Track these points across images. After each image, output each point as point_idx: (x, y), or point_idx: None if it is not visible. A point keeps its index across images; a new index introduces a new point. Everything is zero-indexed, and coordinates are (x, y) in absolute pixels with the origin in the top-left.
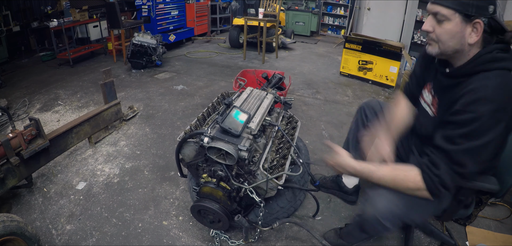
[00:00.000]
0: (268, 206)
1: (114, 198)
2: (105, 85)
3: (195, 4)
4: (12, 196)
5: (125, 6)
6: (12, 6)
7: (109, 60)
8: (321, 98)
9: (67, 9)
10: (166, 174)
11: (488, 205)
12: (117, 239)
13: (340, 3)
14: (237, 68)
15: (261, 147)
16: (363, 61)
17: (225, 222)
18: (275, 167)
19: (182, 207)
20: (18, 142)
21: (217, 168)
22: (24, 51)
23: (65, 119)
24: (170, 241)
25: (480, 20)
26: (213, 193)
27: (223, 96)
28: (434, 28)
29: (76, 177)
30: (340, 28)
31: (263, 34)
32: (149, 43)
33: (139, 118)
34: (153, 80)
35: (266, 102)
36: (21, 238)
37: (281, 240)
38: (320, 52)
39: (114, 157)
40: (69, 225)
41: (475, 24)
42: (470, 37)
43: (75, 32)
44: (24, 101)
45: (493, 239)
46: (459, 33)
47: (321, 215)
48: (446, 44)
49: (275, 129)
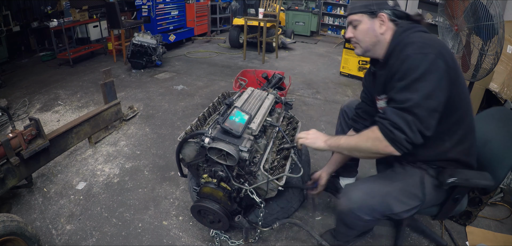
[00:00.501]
0: (268, 206)
1: (114, 198)
2: (105, 85)
3: (195, 4)
4: (12, 196)
5: (125, 6)
6: (12, 6)
7: (109, 60)
8: (321, 98)
9: (67, 9)
10: (166, 174)
11: (488, 205)
12: (117, 239)
13: (340, 3)
14: (237, 68)
15: (261, 148)
16: (363, 61)
17: (225, 222)
18: (275, 168)
19: (182, 207)
20: (18, 142)
21: (218, 169)
22: (24, 51)
23: (65, 119)
24: (170, 241)
25: (383, 13)
26: (214, 193)
27: (223, 96)
28: (354, 34)
29: (76, 177)
30: (340, 28)
31: (263, 34)
32: (149, 43)
33: (139, 118)
34: (153, 80)
35: (267, 102)
36: (21, 238)
37: (281, 240)
38: (320, 52)
39: (114, 157)
40: (69, 225)
41: (380, 16)
42: (380, 28)
43: (75, 32)
44: (24, 101)
45: (493, 239)
46: (370, 28)
47: (321, 215)
48: (364, 41)
49: (276, 129)
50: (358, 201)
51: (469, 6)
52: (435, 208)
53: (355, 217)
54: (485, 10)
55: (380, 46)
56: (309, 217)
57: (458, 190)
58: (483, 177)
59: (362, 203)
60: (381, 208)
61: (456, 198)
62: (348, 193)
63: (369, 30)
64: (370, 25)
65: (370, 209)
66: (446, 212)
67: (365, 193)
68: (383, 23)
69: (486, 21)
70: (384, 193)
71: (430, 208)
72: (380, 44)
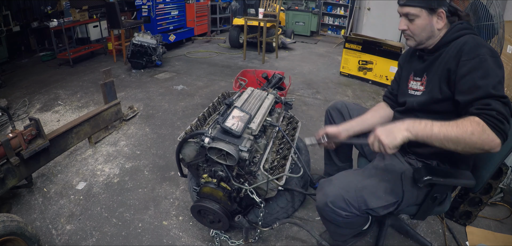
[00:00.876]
0: (268, 206)
1: (114, 198)
2: (105, 85)
3: (195, 4)
4: (12, 196)
5: (125, 6)
6: (12, 6)
7: (109, 60)
8: (321, 98)
9: (67, 9)
10: (166, 174)
11: (488, 205)
12: (117, 239)
13: (340, 3)
14: (237, 68)
15: (261, 148)
16: (363, 61)
17: (225, 222)
18: (275, 168)
19: (182, 207)
20: (18, 142)
21: (218, 169)
22: (24, 51)
23: (65, 119)
24: (170, 241)
25: (442, 9)
26: (214, 193)
27: (223, 96)
28: (408, 26)
29: (76, 177)
30: (340, 28)
31: (263, 34)
32: (149, 43)
33: (139, 118)
34: (153, 80)
35: (267, 102)
36: (21, 238)
37: (281, 240)
38: (320, 52)
39: (114, 157)
40: (69, 225)
41: (439, 13)
42: (437, 24)
43: (75, 32)
44: (24, 101)
45: (493, 239)
46: (428, 24)
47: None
48: (420, 36)
49: (275, 129)
50: (332, 195)
51: (469, 6)
52: (414, 207)
53: (332, 212)
54: (485, 10)
55: (432, 40)
56: (309, 217)
57: (437, 188)
58: (463, 176)
59: (337, 197)
60: (356, 203)
61: (434, 196)
62: (324, 188)
63: (427, 26)
64: (428, 20)
65: (346, 203)
66: (425, 211)
67: (340, 188)
68: (441, 19)
69: (486, 21)
70: (360, 187)
71: (409, 207)
72: (434, 37)
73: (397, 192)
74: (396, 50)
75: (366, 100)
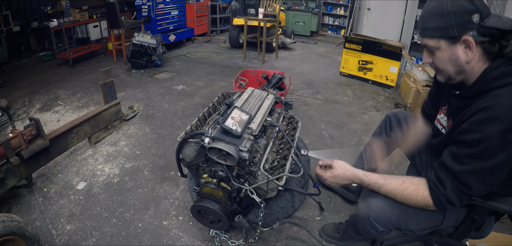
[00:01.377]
0: (268, 206)
1: (114, 198)
2: (105, 85)
3: (195, 4)
4: (12, 196)
5: (125, 6)
6: (12, 6)
7: (109, 60)
8: (321, 98)
9: (67, 9)
10: (166, 174)
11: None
12: (117, 239)
13: (340, 3)
14: (237, 68)
15: (261, 148)
16: (363, 61)
17: (225, 222)
18: (275, 168)
19: (182, 207)
20: (18, 142)
21: (218, 169)
22: (24, 51)
23: (65, 119)
24: (170, 241)
25: (467, 36)
26: (214, 193)
27: (223, 96)
28: (432, 59)
29: (76, 177)
30: (340, 28)
31: (263, 34)
32: (149, 43)
33: (139, 118)
34: (153, 80)
35: (267, 102)
36: (21, 238)
37: (281, 240)
38: (320, 52)
39: (114, 157)
40: (69, 225)
41: (465, 41)
42: (466, 55)
43: (75, 32)
44: (24, 101)
45: (493, 239)
46: (452, 56)
47: (320, 215)
48: (446, 70)
49: (275, 129)
50: (376, 211)
51: None
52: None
53: (370, 226)
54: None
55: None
56: (309, 217)
57: (477, 210)
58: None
59: (381, 213)
60: (397, 222)
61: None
62: (368, 200)
63: (451, 58)
64: (451, 52)
65: (388, 221)
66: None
67: (386, 203)
68: (470, 49)
69: None
70: (404, 208)
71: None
72: (466, 73)
73: (439, 218)
74: (396, 50)
75: (366, 100)
